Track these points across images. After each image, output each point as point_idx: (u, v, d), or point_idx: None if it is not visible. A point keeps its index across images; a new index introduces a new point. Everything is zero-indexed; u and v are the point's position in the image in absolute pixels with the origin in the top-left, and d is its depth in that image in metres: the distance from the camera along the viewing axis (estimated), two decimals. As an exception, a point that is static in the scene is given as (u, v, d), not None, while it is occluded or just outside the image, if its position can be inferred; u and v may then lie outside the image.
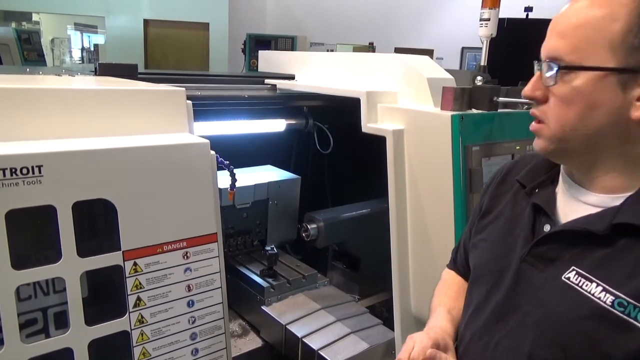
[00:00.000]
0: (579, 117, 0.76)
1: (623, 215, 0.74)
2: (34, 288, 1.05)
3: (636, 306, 0.69)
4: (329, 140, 2.30)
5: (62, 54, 10.74)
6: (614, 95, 0.73)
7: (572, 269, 0.77)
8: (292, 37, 7.57)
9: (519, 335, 0.83)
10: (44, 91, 1.09)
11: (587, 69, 0.74)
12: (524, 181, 0.93)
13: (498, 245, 0.93)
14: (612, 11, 0.72)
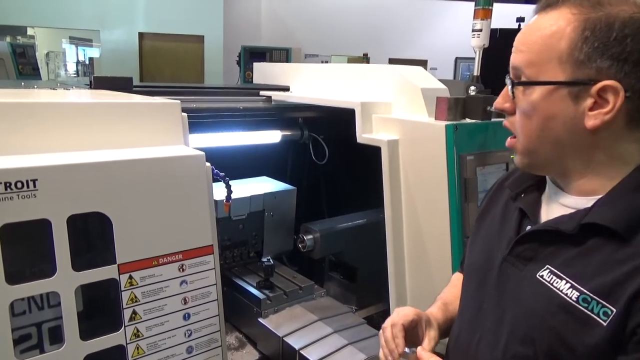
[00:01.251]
0: (539, 128, 0.81)
1: (591, 216, 0.78)
2: (29, 303, 1.04)
3: (599, 302, 0.73)
4: (325, 151, 2.30)
5: (57, 67, 10.75)
6: (566, 107, 0.78)
7: (546, 267, 0.81)
8: (286, 49, 7.62)
9: (497, 332, 0.87)
10: (38, 105, 1.09)
11: (540, 83, 0.79)
12: (511, 187, 0.97)
13: (487, 246, 0.97)
14: (559, 29, 0.77)
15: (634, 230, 0.74)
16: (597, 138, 0.78)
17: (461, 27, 6.09)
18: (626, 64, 0.74)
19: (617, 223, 0.75)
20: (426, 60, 8.79)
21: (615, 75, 0.74)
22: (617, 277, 0.72)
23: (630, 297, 0.70)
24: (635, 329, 0.70)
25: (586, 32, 0.75)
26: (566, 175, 0.84)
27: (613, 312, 0.72)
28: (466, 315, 0.98)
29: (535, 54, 0.80)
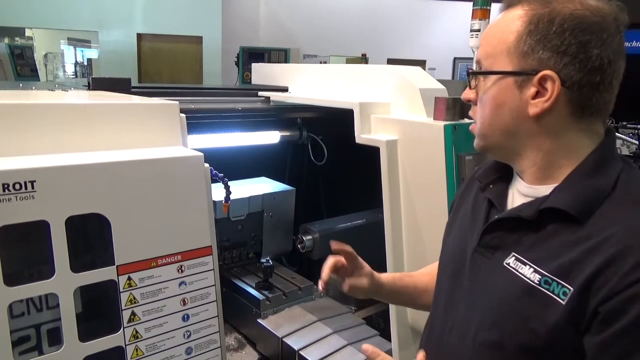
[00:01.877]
0: (491, 115, 0.88)
1: (548, 201, 0.82)
2: (27, 304, 1.04)
3: (558, 283, 0.77)
4: (323, 151, 2.30)
5: (56, 68, 10.74)
6: (512, 95, 0.85)
7: (512, 255, 0.85)
8: (285, 50, 7.62)
9: (467, 320, 0.91)
10: (37, 106, 1.09)
11: (487, 73, 0.87)
12: (480, 178, 1.01)
13: (459, 237, 1.01)
14: (511, 24, 0.84)
15: (587, 213, 0.79)
16: (542, 126, 0.84)
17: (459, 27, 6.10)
18: (565, 55, 0.80)
19: (572, 207, 0.79)
20: (425, 60, 8.79)
21: (554, 66, 0.80)
22: (574, 258, 0.76)
23: (588, 277, 0.73)
24: (596, 308, 0.72)
25: (531, 26, 0.82)
26: (519, 163, 0.90)
27: (571, 290, 0.75)
28: (440, 306, 1.01)
29: (491, 47, 0.87)
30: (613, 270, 0.72)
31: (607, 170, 0.82)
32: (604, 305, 0.72)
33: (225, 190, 1.49)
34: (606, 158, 0.84)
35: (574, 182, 0.82)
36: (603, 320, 0.72)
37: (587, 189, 0.81)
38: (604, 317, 0.72)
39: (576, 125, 0.83)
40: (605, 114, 0.85)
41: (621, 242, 0.73)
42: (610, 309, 0.72)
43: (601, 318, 0.72)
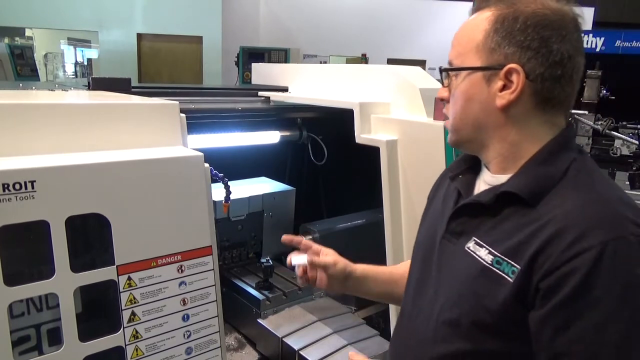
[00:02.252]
0: (462, 109, 0.94)
1: (504, 186, 0.89)
2: (27, 304, 1.04)
3: (508, 262, 0.83)
4: (323, 151, 2.30)
5: (56, 68, 10.74)
6: (481, 89, 0.90)
7: (472, 239, 0.91)
8: (285, 50, 7.62)
9: (433, 303, 0.96)
10: (37, 106, 1.09)
11: (457, 69, 0.93)
12: (451, 169, 1.08)
13: (431, 226, 1.07)
14: (479, 24, 0.90)
15: (537, 198, 0.85)
16: (509, 117, 0.90)
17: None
18: (529, 50, 0.86)
19: (523, 191, 0.86)
20: (425, 60, 8.78)
21: (519, 60, 0.86)
22: (522, 239, 0.82)
23: (532, 255, 0.79)
24: (538, 284, 0.78)
25: (497, 25, 0.88)
26: (487, 153, 0.95)
27: (518, 269, 0.81)
28: (410, 293, 1.07)
29: (461, 47, 0.93)
30: (552, 248, 0.78)
31: (560, 159, 0.88)
32: (543, 282, 0.78)
33: (225, 190, 1.49)
34: (561, 148, 0.90)
35: (529, 169, 0.89)
36: (543, 296, 0.78)
37: (539, 175, 0.87)
38: (544, 292, 0.78)
39: (539, 116, 0.89)
40: (566, 107, 0.91)
41: (560, 223, 0.79)
42: (549, 284, 0.77)
43: (542, 294, 0.78)
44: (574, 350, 0.76)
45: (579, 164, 0.88)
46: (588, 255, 0.75)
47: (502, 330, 0.84)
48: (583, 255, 0.75)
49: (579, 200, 0.82)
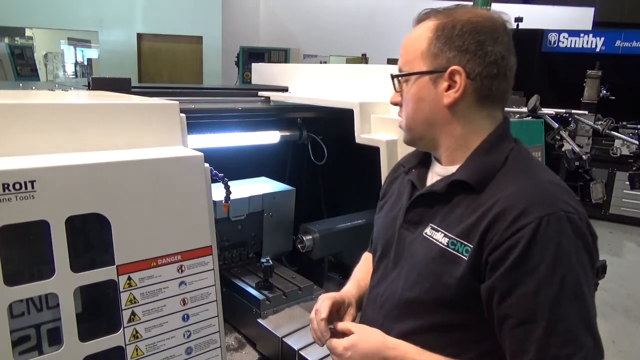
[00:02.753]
0: (414, 110, 1.04)
1: (454, 176, 1.00)
2: (27, 304, 1.04)
3: (462, 243, 0.94)
4: (323, 151, 2.30)
5: (56, 68, 10.74)
6: (429, 91, 1.02)
7: (429, 226, 1.03)
8: (285, 50, 7.61)
9: (395, 285, 1.07)
10: (37, 106, 1.09)
11: (406, 74, 1.04)
12: (404, 164, 1.19)
13: (387, 219, 1.17)
14: (423, 33, 1.02)
15: (483, 184, 0.97)
16: (454, 114, 1.01)
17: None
18: (467, 53, 0.97)
19: (471, 178, 0.98)
20: (425, 60, 8.77)
21: (460, 62, 0.98)
22: (473, 221, 0.94)
23: (481, 234, 0.91)
24: (487, 258, 0.90)
25: (438, 32, 1.00)
26: (438, 148, 1.06)
27: (471, 247, 0.93)
28: (374, 280, 1.17)
29: (408, 55, 1.04)
30: (497, 226, 0.90)
31: (500, 148, 1.01)
32: (491, 255, 0.90)
33: (225, 190, 1.49)
34: (500, 139, 1.02)
35: (474, 159, 1.01)
36: (491, 268, 0.90)
37: (483, 164, 0.99)
38: (492, 265, 0.90)
39: (481, 111, 1.01)
40: (503, 101, 1.04)
41: (503, 204, 0.91)
42: (496, 257, 0.89)
43: (490, 266, 0.90)
44: (515, 312, 0.88)
45: (515, 152, 1.01)
46: (527, 229, 0.87)
47: (460, 304, 0.96)
48: (523, 230, 0.87)
49: (517, 184, 0.94)
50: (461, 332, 0.97)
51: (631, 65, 6.74)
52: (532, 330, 0.86)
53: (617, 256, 5.41)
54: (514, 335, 0.89)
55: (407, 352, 1.00)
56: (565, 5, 9.08)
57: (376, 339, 1.04)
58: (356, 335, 1.06)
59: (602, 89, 6.04)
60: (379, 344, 1.03)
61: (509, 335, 0.90)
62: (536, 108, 2.12)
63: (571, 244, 0.88)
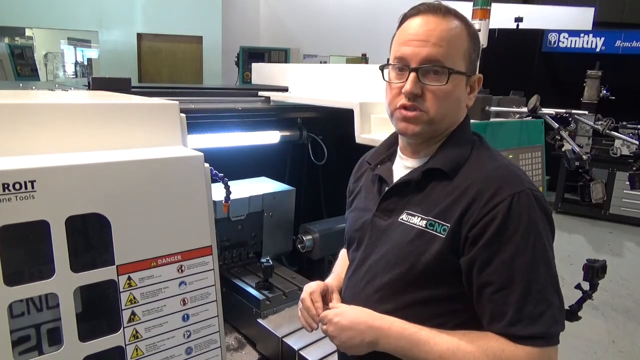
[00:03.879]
0: (447, 106, 1.07)
1: (430, 164, 1.09)
2: (27, 304, 1.04)
3: (439, 223, 1.03)
4: (323, 151, 2.30)
5: (56, 68, 10.73)
6: (462, 91, 1.09)
7: (405, 212, 1.10)
8: (285, 50, 7.61)
9: (374, 269, 1.13)
10: (37, 106, 1.09)
11: (458, 72, 1.06)
12: (370, 160, 1.26)
13: (358, 211, 1.24)
14: (461, 33, 1.07)
15: (455, 171, 1.06)
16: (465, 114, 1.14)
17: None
18: (477, 61, 1.11)
19: (445, 166, 1.07)
20: (425, 60, 8.77)
21: (477, 71, 1.13)
22: (448, 203, 1.03)
23: (460, 214, 1.00)
24: (467, 234, 0.99)
25: (472, 38, 1.09)
26: (428, 143, 1.12)
27: (448, 226, 1.01)
28: (350, 271, 1.22)
29: (451, 49, 1.05)
30: (475, 206, 0.99)
31: (468, 140, 1.12)
32: (471, 231, 0.99)
33: (225, 190, 1.49)
34: (466, 132, 1.14)
35: (445, 149, 1.10)
36: (471, 243, 0.99)
37: (455, 154, 1.08)
38: (471, 240, 0.99)
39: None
40: None
41: (478, 186, 1.01)
42: (475, 233, 0.98)
43: (470, 241, 0.99)
44: (495, 278, 0.97)
45: (478, 144, 1.12)
46: (502, 206, 0.97)
47: (439, 279, 1.04)
48: (498, 206, 0.97)
49: (486, 168, 1.05)
50: (440, 306, 1.05)
51: (631, 65, 6.75)
52: (510, 294, 0.96)
53: (617, 256, 5.41)
54: (493, 301, 0.97)
55: (394, 322, 1.05)
56: (565, 5, 9.08)
57: (365, 310, 1.10)
58: (346, 306, 1.14)
59: (602, 89, 6.05)
60: (367, 314, 1.09)
61: (488, 301, 0.98)
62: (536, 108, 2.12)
63: (538, 216, 0.99)
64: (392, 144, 1.26)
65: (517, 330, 0.95)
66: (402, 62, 1.07)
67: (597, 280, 1.91)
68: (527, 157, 1.88)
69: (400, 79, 1.09)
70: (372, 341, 1.05)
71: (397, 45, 1.10)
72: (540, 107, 2.14)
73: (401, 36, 1.10)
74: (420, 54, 1.04)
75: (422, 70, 1.05)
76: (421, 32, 1.05)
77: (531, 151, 1.90)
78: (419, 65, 1.05)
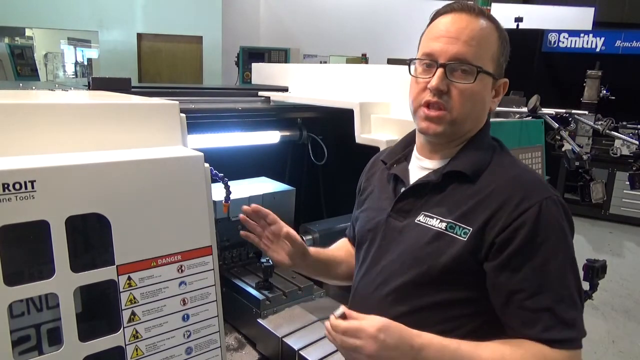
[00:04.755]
0: (472, 106, 1.07)
1: (449, 167, 1.08)
2: (27, 304, 1.04)
3: (460, 226, 1.02)
4: (323, 151, 2.30)
5: (56, 68, 10.73)
6: (488, 93, 1.09)
7: (422, 213, 1.09)
8: (285, 50, 7.61)
9: (388, 270, 1.11)
10: (37, 106, 1.08)
11: (484, 71, 1.05)
12: (386, 159, 1.24)
13: (372, 210, 1.22)
14: (491, 34, 1.06)
15: (477, 174, 1.06)
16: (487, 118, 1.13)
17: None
18: (504, 65, 1.10)
19: (467, 169, 1.06)
20: (425, 60, 8.78)
21: (502, 75, 1.11)
22: (470, 207, 1.02)
23: (485, 219, 0.99)
24: (493, 240, 0.98)
25: (503, 42, 1.08)
26: (450, 144, 1.11)
27: (470, 230, 1.00)
28: (362, 271, 1.20)
29: (481, 49, 1.04)
30: (502, 212, 0.98)
31: (489, 144, 1.12)
32: (498, 237, 0.98)
33: (225, 190, 1.49)
34: (487, 137, 1.13)
35: (466, 153, 1.09)
36: (498, 248, 0.98)
37: (477, 157, 1.08)
38: (498, 245, 0.98)
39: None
40: None
41: (504, 193, 1.00)
42: (504, 238, 0.97)
43: (497, 247, 0.98)
44: (525, 285, 0.96)
45: (499, 149, 1.13)
46: (531, 212, 0.97)
47: (456, 282, 1.03)
48: (528, 212, 0.97)
49: (512, 173, 1.05)
50: (454, 309, 1.03)
51: (631, 65, 6.74)
52: (542, 300, 0.95)
53: (617, 256, 5.41)
54: (524, 307, 0.96)
55: (432, 339, 0.97)
56: (565, 5, 9.08)
57: (399, 325, 0.98)
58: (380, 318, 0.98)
59: (602, 89, 6.04)
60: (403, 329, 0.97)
61: (518, 308, 0.97)
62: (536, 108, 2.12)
63: (564, 222, 1.00)
64: (409, 143, 1.24)
65: (554, 334, 0.95)
66: (431, 58, 1.06)
67: (597, 280, 1.91)
68: (527, 157, 1.88)
69: (427, 74, 1.07)
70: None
71: (427, 41, 1.09)
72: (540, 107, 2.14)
73: (431, 32, 1.09)
74: (450, 50, 1.04)
75: (450, 67, 1.04)
76: (452, 30, 1.04)
77: (531, 151, 1.90)
78: (447, 61, 1.04)
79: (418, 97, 1.09)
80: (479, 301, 1.02)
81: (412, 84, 1.12)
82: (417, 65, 1.10)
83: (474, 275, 1.01)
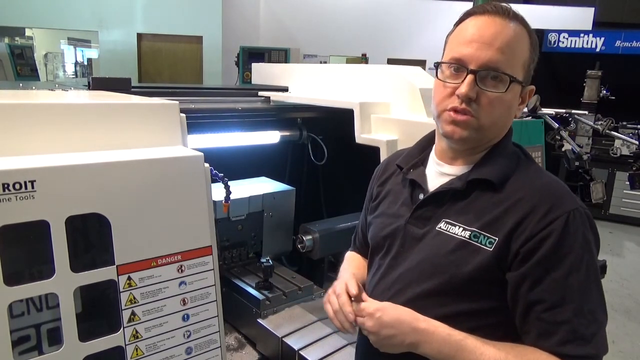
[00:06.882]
0: (500, 114, 1.02)
1: (473, 174, 1.04)
2: (27, 304, 1.04)
3: (485, 235, 0.98)
4: (323, 151, 2.30)
5: (56, 68, 10.74)
6: (516, 100, 1.04)
7: (443, 221, 1.05)
8: (285, 50, 7.62)
9: (406, 278, 1.07)
10: (37, 106, 1.08)
11: (516, 81, 1.00)
12: (402, 164, 1.19)
13: (387, 217, 1.17)
14: (523, 40, 1.01)
15: (503, 182, 1.02)
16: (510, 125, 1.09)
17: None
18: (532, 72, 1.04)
19: (493, 177, 1.02)
20: (424, 60, 8.79)
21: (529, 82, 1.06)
22: (496, 216, 0.98)
23: (510, 228, 0.96)
24: (518, 250, 0.95)
25: (535, 48, 1.03)
26: (473, 151, 1.07)
27: (496, 240, 0.97)
28: (377, 277, 1.16)
29: (513, 57, 0.99)
30: (528, 221, 0.95)
31: (513, 152, 1.08)
32: (524, 247, 0.94)
33: (225, 190, 1.49)
34: (509, 144, 1.09)
35: (490, 159, 1.05)
36: (523, 258, 0.95)
37: (502, 165, 1.04)
38: (523, 256, 0.95)
39: None
40: None
41: (531, 202, 0.97)
42: (529, 248, 0.94)
43: (521, 257, 0.95)
44: (546, 297, 0.93)
45: (524, 157, 1.09)
46: (558, 222, 0.94)
47: (478, 293, 0.99)
48: (555, 222, 0.94)
49: (539, 182, 1.01)
50: (475, 320, 1.00)
51: (631, 65, 6.74)
52: (561, 313, 0.92)
53: (617, 256, 5.41)
54: (542, 319, 0.94)
55: (438, 327, 0.99)
56: (565, 5, 9.08)
57: (407, 310, 1.03)
58: (387, 302, 1.06)
59: (602, 89, 6.05)
60: (409, 313, 1.02)
61: (536, 319, 0.94)
62: (536, 108, 2.12)
63: (590, 235, 0.97)
64: (425, 147, 1.19)
65: (569, 349, 0.91)
66: (460, 63, 1.00)
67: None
68: (527, 157, 1.88)
69: (456, 79, 1.01)
70: (412, 343, 1.00)
71: (456, 45, 1.02)
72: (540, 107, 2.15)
73: (461, 35, 1.01)
74: (482, 57, 0.98)
75: (481, 74, 0.98)
76: (486, 34, 0.98)
77: (531, 151, 1.90)
78: (478, 68, 0.98)
79: (444, 101, 1.03)
80: (500, 311, 0.99)
81: (438, 87, 1.05)
82: (444, 68, 1.04)
83: (497, 286, 0.98)
